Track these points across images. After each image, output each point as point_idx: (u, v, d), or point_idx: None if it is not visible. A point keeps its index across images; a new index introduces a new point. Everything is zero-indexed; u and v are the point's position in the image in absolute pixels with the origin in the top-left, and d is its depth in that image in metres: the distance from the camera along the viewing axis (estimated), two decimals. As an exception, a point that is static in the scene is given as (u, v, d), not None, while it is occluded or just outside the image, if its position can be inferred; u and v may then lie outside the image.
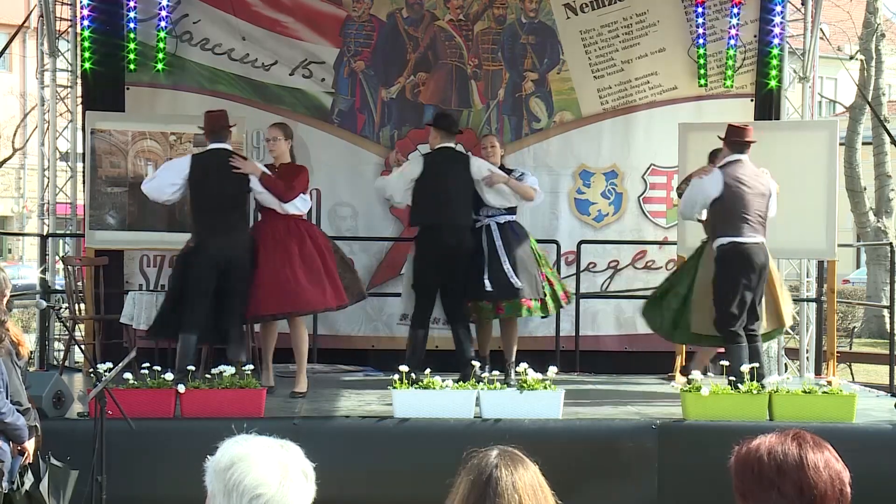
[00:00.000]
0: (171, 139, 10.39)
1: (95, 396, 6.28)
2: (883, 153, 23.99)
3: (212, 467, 2.41)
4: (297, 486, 2.40)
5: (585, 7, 11.57)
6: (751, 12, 11.50)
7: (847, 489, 2.62)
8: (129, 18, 10.93)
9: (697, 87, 11.51)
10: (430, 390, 7.63)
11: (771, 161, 10.08)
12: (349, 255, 11.27)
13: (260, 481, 2.36)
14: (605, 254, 11.41)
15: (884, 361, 12.42)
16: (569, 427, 7.68)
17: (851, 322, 22.42)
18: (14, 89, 36.06)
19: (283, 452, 2.42)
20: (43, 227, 11.40)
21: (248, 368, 7.89)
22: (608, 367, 10.75)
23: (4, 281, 5.59)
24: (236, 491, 2.35)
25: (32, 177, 23.86)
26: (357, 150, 11.45)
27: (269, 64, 11.36)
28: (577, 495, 6.79)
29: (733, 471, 2.68)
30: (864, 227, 23.86)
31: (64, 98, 11.41)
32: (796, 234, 10.01)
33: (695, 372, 8.22)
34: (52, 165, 11.35)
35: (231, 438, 2.46)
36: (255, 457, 2.39)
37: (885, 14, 26.68)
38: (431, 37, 11.53)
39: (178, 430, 7.38)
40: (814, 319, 11.46)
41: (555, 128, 11.59)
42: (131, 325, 9.96)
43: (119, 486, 6.51)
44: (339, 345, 11.14)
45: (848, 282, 32.10)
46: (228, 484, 2.36)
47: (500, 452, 2.61)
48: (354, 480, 7.23)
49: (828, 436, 2.77)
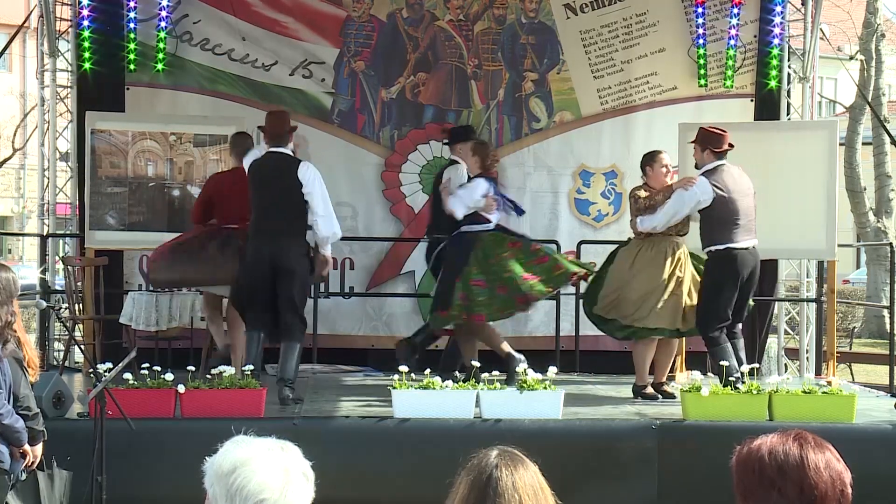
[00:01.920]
0: (171, 139, 10.39)
1: (95, 396, 6.28)
2: (883, 153, 23.99)
3: (213, 471, 2.40)
4: (298, 488, 2.40)
5: (585, 7, 11.57)
6: (751, 12, 11.50)
7: (848, 490, 2.62)
8: (129, 18, 10.93)
9: (697, 88, 11.51)
10: (430, 390, 7.63)
11: (771, 161, 10.10)
12: (349, 255, 11.32)
13: (263, 486, 2.36)
14: (605, 254, 11.35)
15: (884, 361, 12.42)
16: (569, 427, 7.67)
17: (851, 322, 22.43)
18: (14, 89, 36.05)
19: (285, 455, 2.42)
20: (43, 227, 11.40)
21: (247, 368, 7.88)
22: (608, 367, 10.73)
23: (14, 282, 5.53)
24: (239, 496, 2.35)
25: (32, 177, 23.87)
26: (357, 150, 11.45)
27: (269, 64, 11.36)
28: (577, 495, 6.79)
29: (734, 471, 2.68)
30: (864, 227, 23.86)
31: (64, 98, 11.41)
32: (796, 234, 10.01)
33: (695, 372, 8.22)
34: (52, 165, 11.35)
35: (231, 440, 2.45)
36: (257, 461, 2.38)
37: (885, 14, 26.70)
38: (431, 37, 11.53)
39: (178, 430, 7.37)
40: (814, 319, 11.46)
41: (555, 128, 11.60)
42: (131, 325, 9.96)
43: (119, 486, 6.51)
44: (338, 344, 11.13)
45: (848, 282, 32.09)
46: (231, 489, 2.36)
47: (500, 452, 2.62)
48: (354, 480, 7.23)
49: (828, 436, 2.77)
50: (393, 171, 11.39)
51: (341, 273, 11.27)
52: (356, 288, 11.36)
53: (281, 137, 8.50)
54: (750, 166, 10.01)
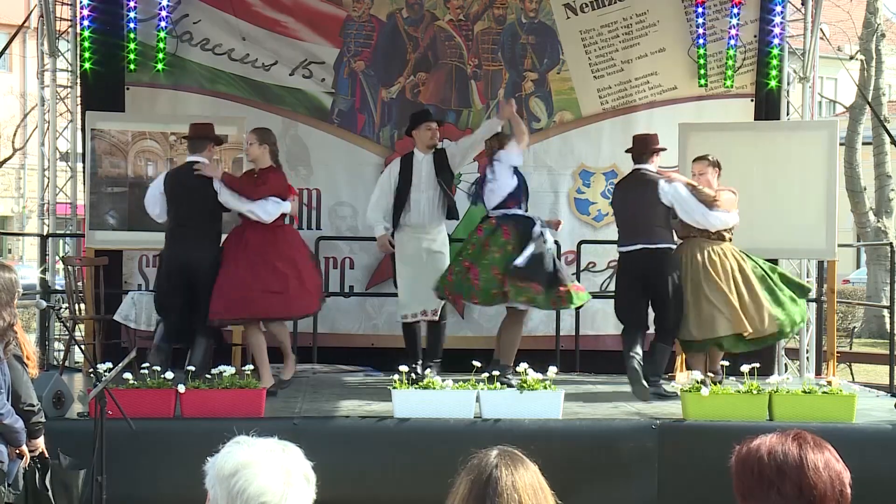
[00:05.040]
0: (171, 139, 10.39)
1: (95, 396, 6.28)
2: (883, 153, 24.00)
3: (214, 472, 2.41)
4: (299, 490, 2.41)
5: (585, 7, 11.58)
6: (751, 12, 11.50)
7: (847, 490, 2.62)
8: (129, 18, 10.93)
9: (697, 88, 11.51)
10: (430, 390, 7.63)
11: (771, 161, 10.11)
12: (349, 255, 11.32)
13: (264, 489, 2.37)
14: (605, 254, 11.39)
15: (884, 361, 12.42)
16: (569, 427, 7.67)
17: (851, 322, 22.43)
18: (14, 89, 36.06)
19: (286, 457, 2.43)
20: (43, 227, 11.40)
21: (247, 368, 7.89)
22: (608, 367, 10.72)
23: (15, 282, 5.53)
24: (240, 498, 2.36)
25: (32, 177, 23.87)
26: (357, 150, 11.45)
27: (269, 64, 11.36)
28: (577, 495, 6.79)
29: (733, 471, 2.68)
30: (864, 227, 23.87)
31: (64, 98, 11.41)
32: (796, 234, 10.02)
33: (695, 372, 8.23)
34: (52, 165, 11.35)
35: (233, 441, 2.46)
36: (259, 463, 2.39)
37: (885, 14, 26.70)
38: (431, 37, 11.53)
39: (178, 430, 7.37)
40: (814, 319, 11.45)
41: (555, 128, 11.60)
42: (127, 324, 9.96)
43: (119, 486, 6.51)
44: (338, 343, 11.14)
45: (848, 282, 32.11)
46: (232, 491, 2.36)
47: (500, 452, 2.62)
48: (354, 480, 7.24)
49: (828, 436, 2.77)
50: None
51: (341, 272, 11.28)
52: (356, 287, 11.37)
53: (198, 145, 8.87)
54: (750, 166, 10.06)
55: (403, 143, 11.31)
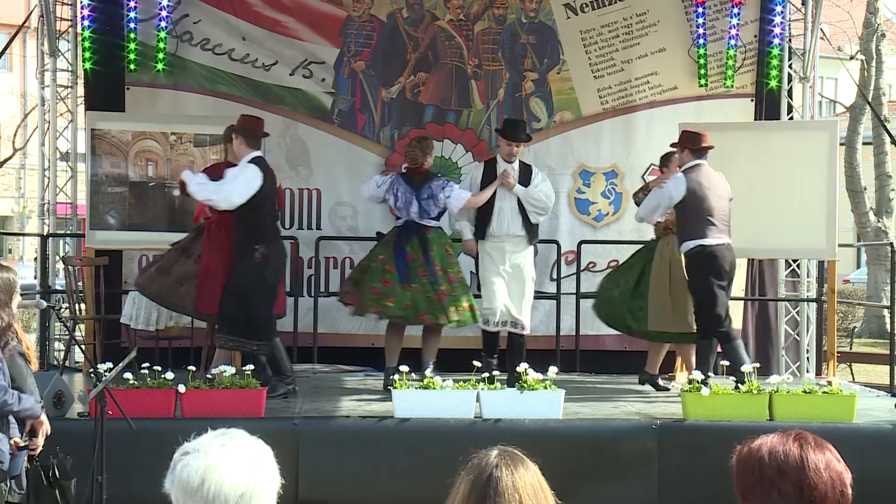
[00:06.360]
0: (171, 139, 10.38)
1: (95, 396, 6.28)
2: (883, 153, 24.00)
3: (180, 490, 2.42)
4: (265, 469, 2.45)
5: (585, 7, 11.57)
6: (751, 12, 11.50)
7: (848, 490, 2.62)
8: (129, 18, 10.92)
9: (697, 87, 11.51)
10: (430, 390, 7.63)
11: (771, 161, 10.10)
12: (349, 255, 11.31)
13: (236, 484, 2.40)
14: (605, 253, 11.39)
15: (884, 361, 12.42)
16: (569, 427, 7.68)
17: (851, 322, 22.42)
18: (14, 89, 36.07)
19: (238, 444, 2.46)
20: (43, 227, 11.40)
21: (247, 368, 7.89)
22: (608, 367, 10.74)
23: (13, 282, 5.53)
24: (218, 501, 2.37)
25: (32, 177, 23.88)
26: (357, 150, 11.45)
27: (270, 64, 11.36)
28: (577, 495, 6.79)
29: (734, 471, 2.68)
30: (864, 227, 23.87)
31: (64, 98, 11.41)
32: (796, 234, 10.02)
33: (696, 371, 8.23)
34: (52, 165, 11.35)
35: (180, 454, 2.46)
36: (220, 463, 2.42)
37: (885, 14, 26.69)
38: (431, 37, 11.53)
39: (178, 430, 7.34)
40: (814, 319, 11.45)
41: (555, 128, 11.60)
42: (130, 324, 9.96)
43: (119, 486, 6.50)
44: (338, 343, 11.13)
45: (848, 282, 32.11)
46: (208, 498, 2.37)
47: (501, 452, 2.61)
48: (354, 480, 7.23)
49: (828, 436, 2.77)
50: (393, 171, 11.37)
51: (341, 272, 11.28)
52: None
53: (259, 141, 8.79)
54: (750, 166, 10.05)
55: (404, 144, 11.31)
